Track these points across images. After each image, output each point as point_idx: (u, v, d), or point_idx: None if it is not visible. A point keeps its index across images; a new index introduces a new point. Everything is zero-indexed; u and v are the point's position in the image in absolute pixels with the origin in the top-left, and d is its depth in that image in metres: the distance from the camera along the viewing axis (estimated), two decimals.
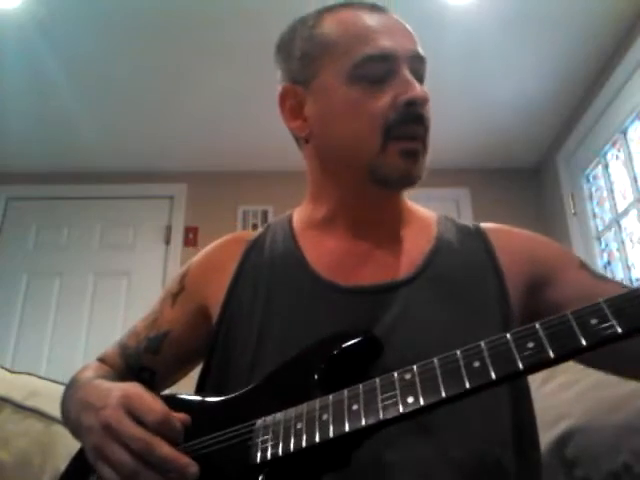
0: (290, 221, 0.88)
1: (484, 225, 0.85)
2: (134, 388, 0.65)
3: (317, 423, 0.55)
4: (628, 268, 2.79)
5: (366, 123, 0.74)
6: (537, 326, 0.49)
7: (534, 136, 3.43)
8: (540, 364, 0.48)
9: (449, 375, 0.51)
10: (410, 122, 0.74)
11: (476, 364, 0.50)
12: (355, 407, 0.54)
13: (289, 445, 0.55)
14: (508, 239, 0.82)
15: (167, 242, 3.57)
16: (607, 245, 3.02)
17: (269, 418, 0.59)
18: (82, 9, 2.52)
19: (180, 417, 0.62)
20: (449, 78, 2.83)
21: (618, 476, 0.76)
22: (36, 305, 3.45)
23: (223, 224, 3.41)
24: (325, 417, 0.55)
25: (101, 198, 3.70)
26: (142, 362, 0.86)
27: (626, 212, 2.80)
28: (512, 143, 3.48)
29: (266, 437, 0.57)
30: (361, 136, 0.75)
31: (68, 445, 0.99)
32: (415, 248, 0.79)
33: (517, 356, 0.48)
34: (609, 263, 2.99)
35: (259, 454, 0.56)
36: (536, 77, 2.94)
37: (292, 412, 0.58)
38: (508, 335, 0.50)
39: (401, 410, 0.52)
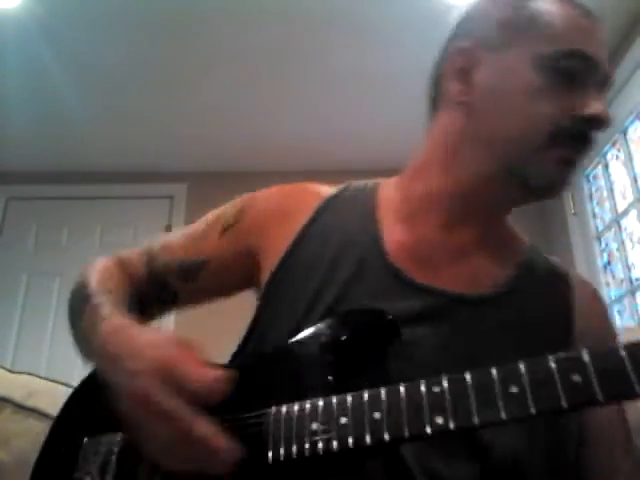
0: (375, 192, 0.80)
1: (573, 275, 0.78)
2: (170, 350, 0.57)
3: (335, 427, 0.52)
4: (628, 268, 2.79)
5: (538, 118, 0.68)
6: (585, 359, 0.45)
7: None
8: (585, 402, 0.44)
9: (483, 400, 0.47)
10: (582, 138, 0.69)
11: (514, 390, 0.46)
12: (377, 415, 0.51)
13: (303, 447, 0.53)
14: (589, 307, 0.75)
15: None
16: (607, 245, 3.02)
17: (283, 410, 0.56)
18: (82, 9, 2.52)
19: (221, 386, 0.55)
20: None
21: None
22: (36, 305, 3.45)
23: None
24: (344, 421, 0.52)
25: (101, 198, 3.70)
26: (169, 282, 0.81)
27: (626, 212, 2.80)
28: None
29: (278, 432, 0.54)
30: (527, 129, 0.68)
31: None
32: (502, 267, 0.73)
33: (560, 390, 0.44)
34: (609, 263, 2.99)
35: (271, 453, 0.54)
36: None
37: (307, 407, 0.55)
38: (551, 361, 0.46)
39: (428, 431, 0.48)
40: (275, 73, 2.94)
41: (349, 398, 0.53)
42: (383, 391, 0.52)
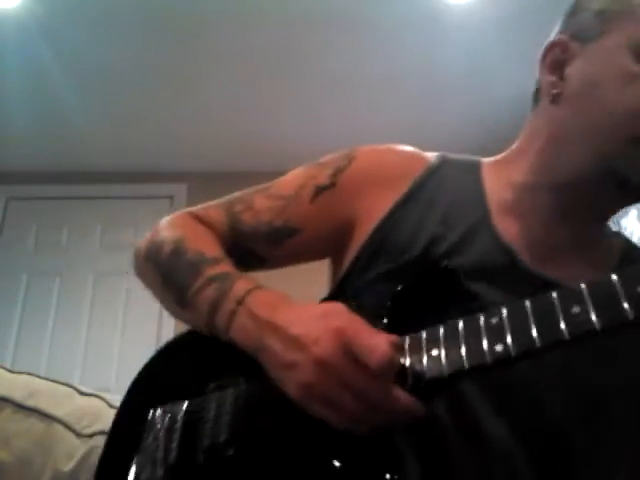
0: (479, 172, 0.76)
1: None
2: (345, 317, 0.55)
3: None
4: None
5: (634, 105, 0.64)
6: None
7: None
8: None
9: (544, 320, 0.46)
10: None
11: (575, 310, 0.45)
12: (435, 352, 0.51)
13: None
14: None
15: None
16: None
17: None
18: (82, 9, 2.52)
19: (398, 346, 0.54)
20: (449, 77, 2.83)
21: None
22: (36, 305, 3.45)
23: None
24: (407, 362, 0.53)
25: (101, 198, 3.70)
26: (255, 247, 0.78)
27: (626, 212, 2.80)
28: (513, 142, 3.47)
29: None
30: (623, 119, 0.64)
31: (68, 445, 0.99)
32: (603, 263, 0.70)
33: (625, 304, 0.43)
34: None
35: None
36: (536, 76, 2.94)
37: None
38: (617, 281, 0.44)
39: (488, 360, 0.48)
40: (275, 73, 2.94)
41: (407, 338, 0.54)
42: (441, 328, 0.53)
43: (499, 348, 0.47)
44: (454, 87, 2.90)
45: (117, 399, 1.00)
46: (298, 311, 0.59)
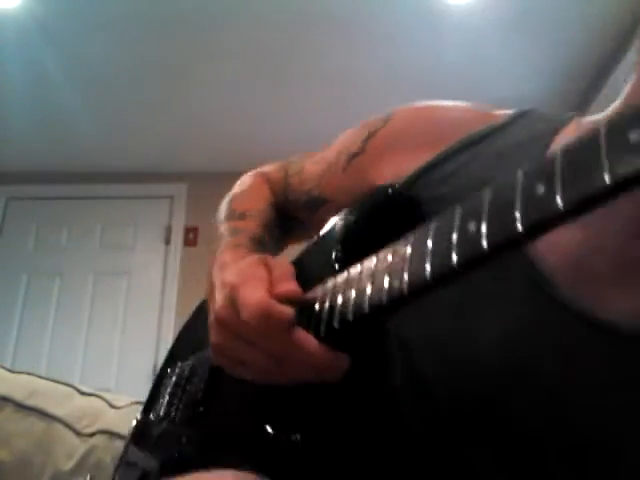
0: (555, 131, 0.57)
1: None
2: (235, 270, 0.54)
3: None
4: None
5: None
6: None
7: None
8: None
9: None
10: None
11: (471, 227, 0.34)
12: (350, 294, 0.46)
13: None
14: None
15: (167, 242, 3.57)
16: None
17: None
18: (82, 9, 2.53)
19: (290, 293, 0.50)
20: (449, 77, 2.83)
21: None
22: (36, 305, 3.45)
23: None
24: (318, 308, 0.49)
25: (101, 198, 3.70)
26: (297, 213, 0.77)
27: None
28: None
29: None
30: None
31: (68, 444, 0.99)
32: None
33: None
34: None
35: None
36: (536, 77, 2.94)
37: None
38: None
39: (384, 299, 0.41)
40: (275, 73, 2.94)
41: (330, 280, 0.49)
42: (359, 266, 0.46)
43: (396, 284, 0.40)
44: (453, 87, 2.90)
45: (117, 399, 1.00)
46: (227, 269, 0.57)
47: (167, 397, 0.73)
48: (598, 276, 0.47)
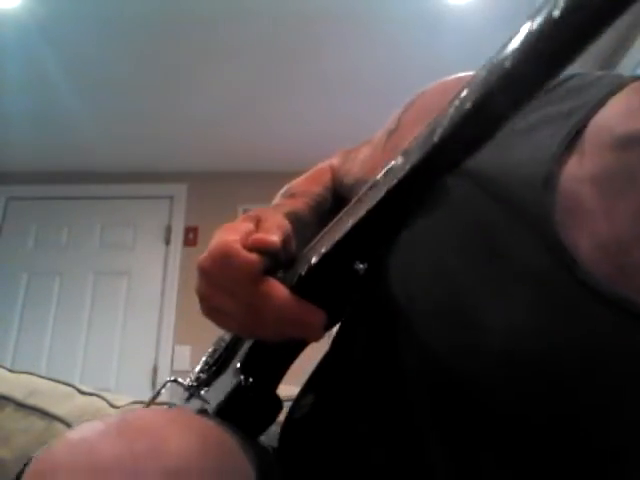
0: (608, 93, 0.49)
1: None
2: (235, 222, 0.55)
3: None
4: None
5: None
6: None
7: None
8: None
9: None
10: None
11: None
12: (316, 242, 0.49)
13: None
14: None
15: (167, 242, 3.57)
16: None
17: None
18: (82, 9, 2.53)
19: (261, 243, 0.50)
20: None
21: None
22: (36, 305, 3.45)
23: (223, 224, 3.42)
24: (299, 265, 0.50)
25: (101, 198, 3.71)
26: (347, 196, 0.74)
27: None
28: None
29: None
30: None
31: None
32: None
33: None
34: None
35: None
36: None
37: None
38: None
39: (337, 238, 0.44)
40: (276, 74, 2.94)
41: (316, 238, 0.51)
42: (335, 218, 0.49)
43: (349, 224, 0.44)
44: None
45: (117, 399, 1.00)
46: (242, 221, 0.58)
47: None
48: (637, 267, 0.40)
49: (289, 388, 0.63)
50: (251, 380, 0.53)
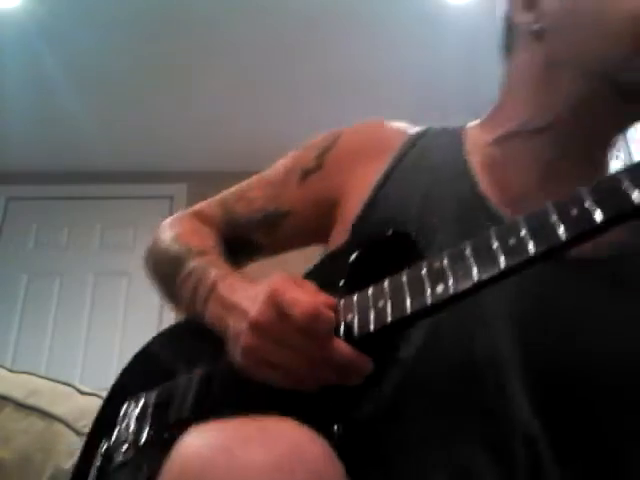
0: (461, 134, 0.74)
1: None
2: (279, 280, 0.56)
3: (342, 323, 0.54)
4: None
5: (624, 19, 0.61)
6: (582, 192, 0.43)
7: None
8: (585, 231, 0.42)
9: (482, 257, 0.46)
10: None
11: (512, 241, 0.45)
12: (381, 303, 0.52)
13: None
14: None
15: None
16: None
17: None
18: (82, 9, 2.53)
19: (329, 302, 0.53)
20: (449, 77, 2.83)
21: None
22: (36, 305, 3.45)
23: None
24: (350, 317, 0.54)
25: (101, 198, 3.70)
26: (250, 236, 0.79)
27: None
28: None
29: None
30: (616, 32, 0.62)
31: (68, 443, 0.99)
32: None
33: (559, 225, 0.42)
34: None
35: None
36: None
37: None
38: (549, 204, 0.44)
39: (429, 302, 0.48)
40: (276, 73, 2.94)
41: (355, 295, 0.55)
42: (387, 281, 0.53)
43: (439, 289, 0.48)
44: (453, 86, 2.90)
45: None
46: (254, 288, 0.59)
47: (134, 424, 0.71)
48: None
49: None
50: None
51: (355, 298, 0.55)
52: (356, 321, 0.53)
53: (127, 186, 3.70)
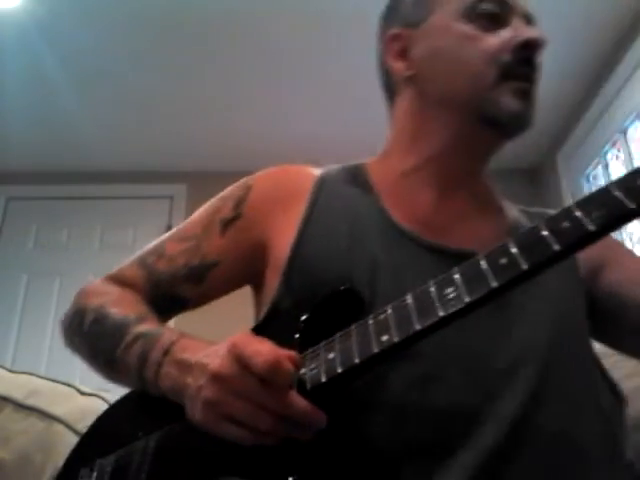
0: (366, 170, 0.82)
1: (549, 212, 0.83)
2: (241, 335, 0.58)
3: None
4: None
5: (480, 59, 0.73)
6: (508, 244, 0.50)
7: (534, 136, 3.41)
8: (514, 279, 0.48)
9: (423, 308, 0.51)
10: (524, 64, 0.74)
11: (449, 290, 0.50)
12: (331, 355, 0.55)
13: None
14: None
15: None
16: None
17: None
18: (82, 9, 2.53)
19: (289, 355, 0.55)
20: None
21: None
22: (36, 305, 3.45)
23: None
24: (304, 371, 0.56)
25: (101, 198, 3.70)
26: (175, 291, 0.80)
27: None
28: (512, 143, 3.46)
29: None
30: (474, 72, 0.73)
31: (68, 444, 0.99)
32: (498, 223, 0.77)
33: (491, 275, 0.49)
34: None
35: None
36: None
37: None
38: (481, 259, 0.51)
39: (375, 350, 0.52)
40: (276, 73, 2.94)
41: (309, 350, 0.58)
42: (338, 335, 0.57)
43: (384, 338, 0.52)
44: None
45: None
46: (211, 347, 0.61)
47: None
48: (438, 227, 0.74)
49: None
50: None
51: (308, 352, 0.58)
52: (309, 374, 0.55)
53: (127, 186, 3.70)
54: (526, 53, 0.74)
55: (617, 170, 2.91)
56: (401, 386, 0.62)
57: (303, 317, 0.63)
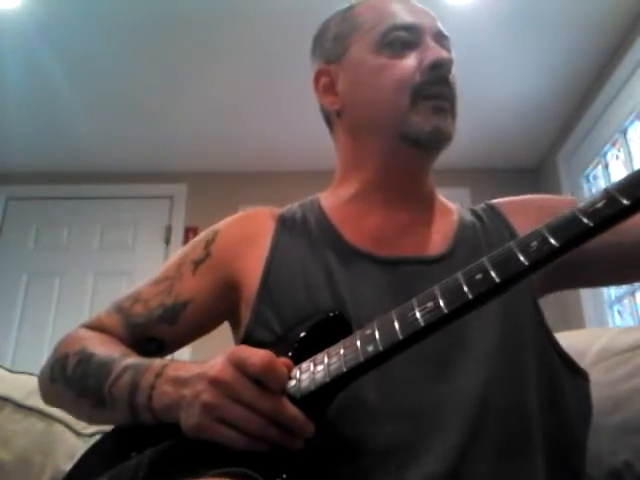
0: (319, 203, 0.89)
1: (493, 201, 0.89)
2: (239, 345, 0.63)
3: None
4: None
5: (394, 86, 0.79)
6: (484, 259, 0.54)
7: (534, 136, 3.43)
8: (488, 291, 0.52)
9: (405, 321, 0.55)
10: (437, 83, 0.78)
11: (429, 304, 0.55)
12: (320, 367, 0.59)
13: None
14: (516, 203, 0.87)
15: (167, 242, 3.57)
16: None
17: None
18: (82, 9, 2.53)
19: (284, 361, 0.59)
20: None
21: (619, 474, 0.76)
22: (36, 305, 3.45)
23: None
24: (294, 382, 0.59)
25: (101, 198, 3.71)
26: (152, 333, 0.82)
27: None
28: (512, 143, 3.48)
29: None
30: (390, 98, 0.79)
31: (68, 444, 0.99)
32: (444, 227, 0.83)
33: (466, 288, 0.53)
34: None
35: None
36: (536, 77, 2.94)
37: None
38: (459, 274, 0.55)
39: (362, 359, 0.56)
40: (275, 73, 2.94)
41: (303, 364, 0.62)
42: (325, 351, 0.61)
43: (370, 348, 0.56)
44: None
45: None
46: (209, 362, 0.63)
47: None
48: (387, 242, 0.80)
49: None
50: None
51: (300, 365, 0.61)
52: (299, 384, 0.59)
53: (127, 186, 3.70)
54: (435, 73, 0.78)
55: (617, 170, 2.91)
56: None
57: (301, 334, 0.68)
